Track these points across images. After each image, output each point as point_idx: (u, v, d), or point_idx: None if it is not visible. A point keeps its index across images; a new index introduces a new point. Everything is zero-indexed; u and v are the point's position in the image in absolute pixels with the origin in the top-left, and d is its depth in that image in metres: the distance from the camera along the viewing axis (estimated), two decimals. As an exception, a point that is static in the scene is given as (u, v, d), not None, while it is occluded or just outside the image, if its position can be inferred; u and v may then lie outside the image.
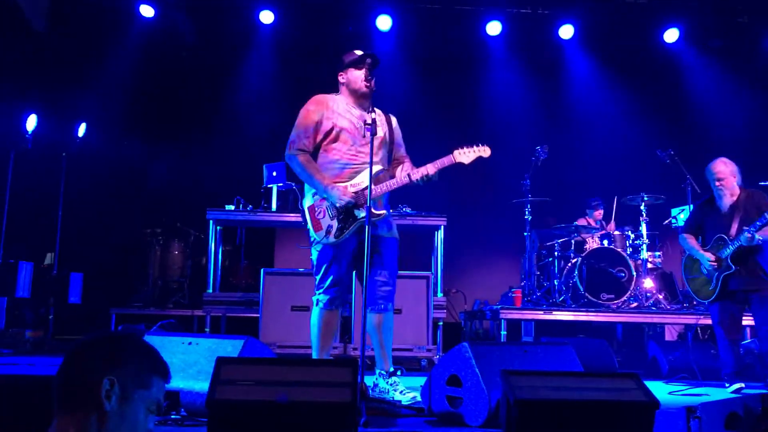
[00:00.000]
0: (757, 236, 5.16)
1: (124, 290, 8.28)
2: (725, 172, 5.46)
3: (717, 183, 5.48)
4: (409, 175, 3.94)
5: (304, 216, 4.04)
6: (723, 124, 9.27)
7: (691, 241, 5.57)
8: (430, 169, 3.90)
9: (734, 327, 5.46)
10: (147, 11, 8.69)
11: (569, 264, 7.29)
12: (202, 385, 3.15)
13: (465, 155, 3.96)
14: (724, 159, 5.59)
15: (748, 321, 6.88)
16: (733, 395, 5.05)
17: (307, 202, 4.03)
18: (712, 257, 5.36)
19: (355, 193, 3.91)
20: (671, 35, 8.99)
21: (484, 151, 3.99)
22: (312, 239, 4.03)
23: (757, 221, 5.13)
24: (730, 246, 5.29)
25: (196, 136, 9.08)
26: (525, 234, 7.37)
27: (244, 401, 2.17)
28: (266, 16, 8.80)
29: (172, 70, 9.08)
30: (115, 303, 7.85)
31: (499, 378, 2.84)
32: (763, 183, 7.99)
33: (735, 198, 5.44)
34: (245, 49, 9.18)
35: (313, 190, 3.99)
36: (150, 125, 9.10)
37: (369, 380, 3.92)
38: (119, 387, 1.57)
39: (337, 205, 3.88)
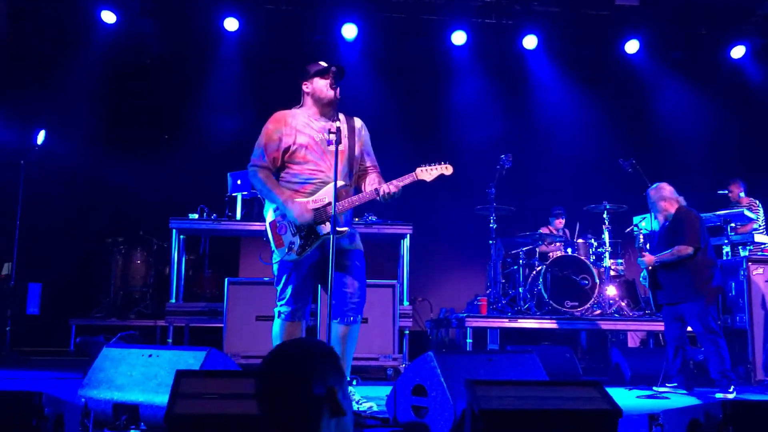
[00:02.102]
0: (644, 261, 5.81)
1: (84, 301, 8.11)
2: (654, 197, 5.85)
3: (650, 207, 5.97)
4: (376, 190, 3.91)
5: (266, 231, 4.01)
6: (683, 134, 9.46)
7: None
8: (393, 187, 3.88)
9: (670, 335, 5.80)
10: (109, 17, 8.56)
11: (534, 272, 7.35)
12: (163, 399, 3.08)
13: (427, 173, 3.97)
14: (657, 185, 5.94)
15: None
16: (693, 402, 5.16)
17: (269, 217, 3.99)
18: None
19: (316, 209, 3.88)
20: (632, 46, 9.15)
21: (446, 169, 4.01)
22: (272, 253, 4.00)
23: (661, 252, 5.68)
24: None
25: (159, 144, 8.96)
26: (490, 242, 7.41)
27: (205, 415, 2.12)
28: (231, 24, 8.72)
29: (136, 76, 8.96)
30: (75, 314, 7.68)
31: (464, 387, 2.84)
32: (721, 192, 8.19)
33: (666, 219, 5.82)
34: (210, 56, 9.08)
35: (273, 206, 3.96)
36: (112, 133, 8.94)
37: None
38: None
39: (297, 223, 3.85)
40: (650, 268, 5.80)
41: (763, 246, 7.46)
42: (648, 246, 6.23)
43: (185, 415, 2.15)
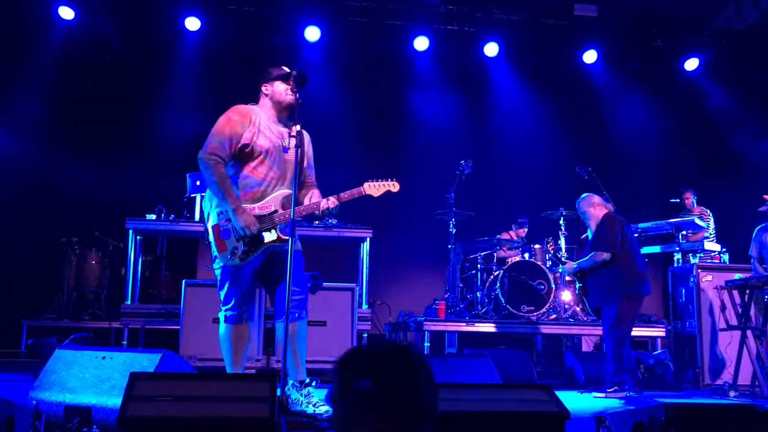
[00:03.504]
0: (565, 269, 6.15)
1: (36, 301, 7.93)
2: (583, 206, 6.07)
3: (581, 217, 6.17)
4: (317, 204, 3.91)
5: (207, 234, 3.94)
6: (638, 143, 9.69)
7: None
8: (332, 202, 3.89)
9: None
10: (66, 13, 8.41)
11: (491, 276, 7.45)
12: (116, 401, 3.05)
13: (374, 188, 4.00)
14: (585, 195, 6.16)
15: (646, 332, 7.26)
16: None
17: (211, 220, 3.91)
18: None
19: (261, 216, 3.85)
20: (590, 56, 9.33)
21: (393, 186, 4.04)
22: (214, 258, 3.95)
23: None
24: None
25: (116, 144, 8.81)
26: (449, 246, 7.48)
27: (158, 418, 2.12)
28: (192, 23, 8.64)
29: (93, 74, 8.79)
30: (27, 315, 7.52)
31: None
32: (673, 200, 8.41)
33: (594, 226, 5.99)
34: (170, 55, 8.98)
35: (218, 209, 3.88)
36: (68, 131, 8.77)
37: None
38: None
39: (241, 233, 3.80)
40: (569, 275, 6.04)
41: (712, 254, 7.69)
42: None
43: (138, 417, 2.14)
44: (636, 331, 7.31)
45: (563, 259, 6.49)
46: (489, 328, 7.05)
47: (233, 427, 2.16)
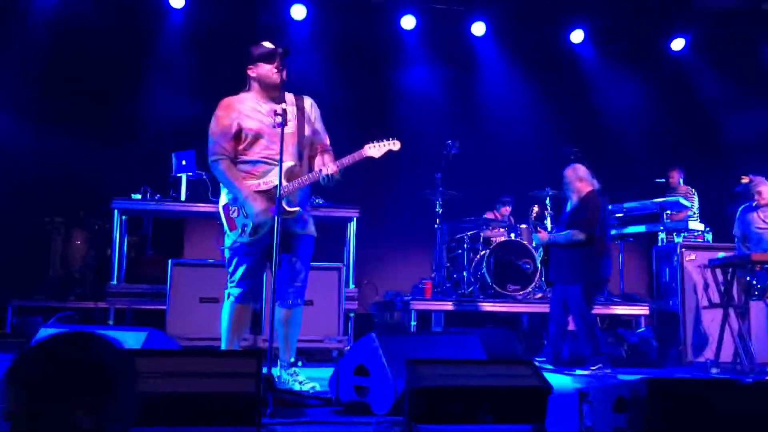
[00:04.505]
0: (538, 238, 6.14)
1: (22, 282, 7.89)
2: (571, 176, 6.02)
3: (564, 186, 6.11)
4: (319, 171, 3.92)
5: (219, 213, 4.02)
6: (625, 123, 9.71)
7: None
8: (333, 168, 3.89)
9: (555, 313, 6.02)
10: (50, -11, 8.30)
11: (478, 256, 7.48)
12: (103, 379, 3.06)
13: (375, 149, 4.00)
14: (573, 165, 6.16)
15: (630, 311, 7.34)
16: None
17: (222, 200, 4.00)
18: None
19: (267, 191, 3.87)
20: (577, 36, 9.32)
21: (394, 145, 4.04)
22: (225, 236, 4.00)
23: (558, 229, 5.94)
24: None
25: (101, 123, 8.72)
26: (436, 226, 7.50)
27: (145, 393, 2.12)
28: (177, 1, 8.55)
29: (77, 52, 8.67)
30: (13, 295, 7.48)
31: (404, 367, 2.90)
32: (659, 180, 8.47)
33: (578, 200, 5.96)
34: (154, 32, 8.88)
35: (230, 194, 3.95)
36: (52, 110, 8.66)
37: (274, 371, 3.91)
38: None
39: (253, 222, 3.84)
40: (540, 244, 6.07)
41: (696, 233, 7.76)
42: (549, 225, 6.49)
43: (124, 393, 2.15)
44: (620, 310, 7.42)
45: (539, 228, 6.50)
46: (475, 307, 7.10)
47: (219, 402, 2.17)
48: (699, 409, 2.41)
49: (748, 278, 6.09)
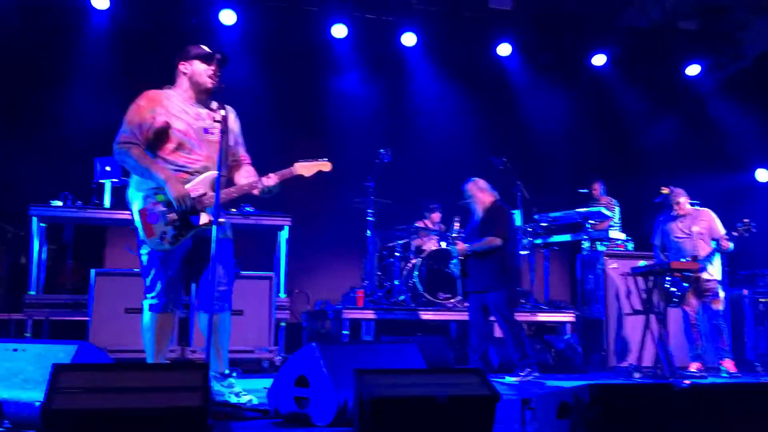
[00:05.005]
0: (456, 250, 6.22)
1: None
2: (472, 189, 6.21)
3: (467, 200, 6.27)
4: (256, 182, 3.83)
5: (133, 219, 3.79)
6: (550, 135, 9.97)
7: None
8: (272, 180, 3.82)
9: (475, 322, 6.12)
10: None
11: (409, 264, 7.52)
12: (29, 395, 2.89)
13: (306, 168, 3.95)
14: (474, 179, 6.31)
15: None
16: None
17: (137, 204, 3.76)
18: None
19: (192, 199, 3.72)
20: (504, 49, 9.53)
21: (325, 165, 4.00)
22: (141, 243, 3.81)
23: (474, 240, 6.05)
24: None
25: (18, 126, 8.31)
26: (367, 235, 7.50)
27: (86, 410, 2.02)
28: (101, 1, 8.25)
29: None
30: None
31: (347, 377, 2.87)
32: (582, 190, 8.74)
33: (483, 211, 6.14)
34: (77, 34, 8.53)
35: (143, 192, 3.73)
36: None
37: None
38: None
39: (176, 205, 3.66)
40: (461, 257, 6.14)
41: (618, 242, 8.04)
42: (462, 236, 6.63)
43: (63, 409, 2.03)
44: (546, 317, 7.59)
45: (454, 240, 6.63)
46: (407, 315, 7.13)
47: (166, 417, 2.09)
48: (640, 413, 2.48)
49: (667, 286, 6.34)
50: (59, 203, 6.59)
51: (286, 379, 3.49)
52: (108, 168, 6.83)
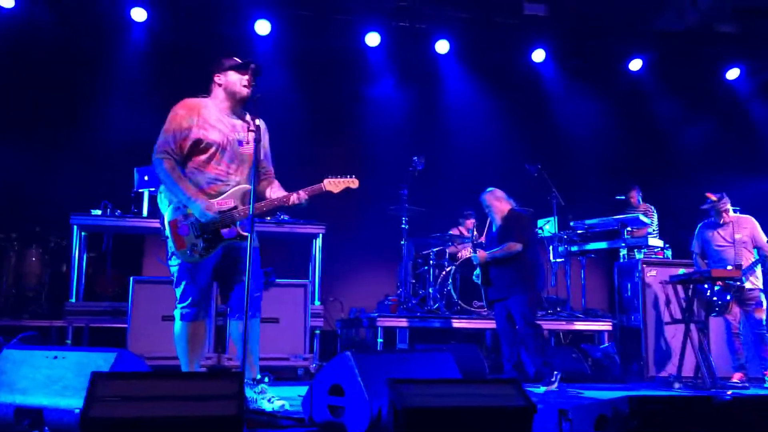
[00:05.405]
0: (477, 258, 6.13)
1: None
2: (489, 200, 6.22)
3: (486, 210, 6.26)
4: (287, 197, 3.87)
5: (163, 229, 3.84)
6: (586, 141, 9.87)
7: None
8: (303, 196, 3.86)
9: (503, 331, 6.12)
10: (6, 1, 8.09)
11: (443, 272, 7.49)
12: (69, 402, 2.95)
13: (334, 185, 3.97)
14: (490, 189, 6.30)
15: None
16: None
17: (168, 215, 3.81)
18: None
19: (222, 212, 3.76)
20: (539, 55, 9.47)
21: (352, 183, 4.03)
22: (171, 254, 3.86)
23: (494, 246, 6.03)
24: None
25: (60, 137, 8.50)
26: (402, 243, 7.49)
27: (123, 419, 2.05)
28: (138, 14, 8.42)
29: (34, 66, 8.44)
30: (-36, 314, 7.21)
31: (381, 386, 2.86)
32: (619, 197, 8.61)
33: (502, 219, 6.15)
34: (116, 46, 8.71)
35: (174, 204, 3.78)
36: (8, 123, 8.42)
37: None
38: None
39: (202, 220, 3.71)
40: (482, 263, 6.10)
41: (656, 249, 7.90)
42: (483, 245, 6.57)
43: (101, 417, 2.07)
44: (583, 325, 7.49)
45: (475, 249, 6.58)
46: (442, 323, 7.09)
47: (201, 425, 2.10)
48: (680, 427, 2.43)
49: (708, 294, 6.21)
50: (99, 212, 6.71)
51: (320, 387, 3.50)
52: (146, 177, 6.93)
